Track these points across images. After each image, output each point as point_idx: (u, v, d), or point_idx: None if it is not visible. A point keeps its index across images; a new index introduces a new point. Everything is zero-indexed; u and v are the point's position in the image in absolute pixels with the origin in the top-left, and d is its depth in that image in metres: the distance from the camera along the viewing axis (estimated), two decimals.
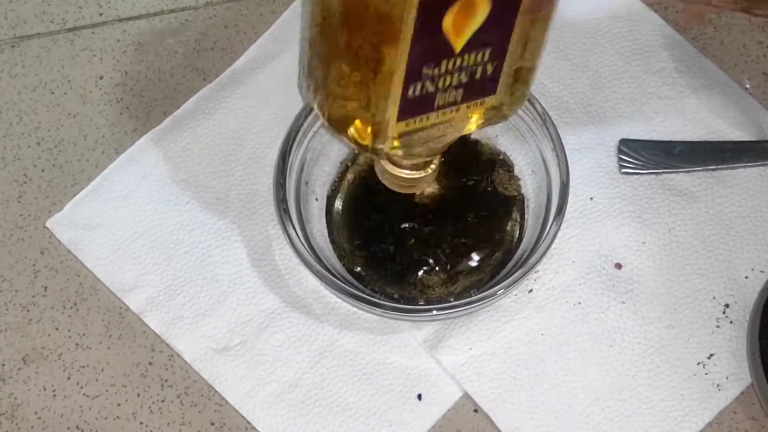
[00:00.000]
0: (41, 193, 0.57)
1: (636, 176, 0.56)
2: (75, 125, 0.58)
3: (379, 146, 0.42)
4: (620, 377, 0.52)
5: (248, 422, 0.52)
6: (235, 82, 0.58)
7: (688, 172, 0.56)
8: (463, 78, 0.41)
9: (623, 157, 0.56)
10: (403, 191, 0.49)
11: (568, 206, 0.51)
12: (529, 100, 0.52)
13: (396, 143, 0.42)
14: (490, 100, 0.43)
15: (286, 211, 0.51)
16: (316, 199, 0.55)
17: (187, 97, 0.58)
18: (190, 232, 0.55)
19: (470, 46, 0.39)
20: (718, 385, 0.52)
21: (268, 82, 0.58)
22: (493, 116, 0.44)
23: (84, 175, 0.57)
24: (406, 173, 0.47)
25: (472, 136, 0.56)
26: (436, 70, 0.39)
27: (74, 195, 0.56)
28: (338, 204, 0.55)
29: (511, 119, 0.53)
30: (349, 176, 0.56)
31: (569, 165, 0.51)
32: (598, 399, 0.52)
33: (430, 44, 0.38)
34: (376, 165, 0.48)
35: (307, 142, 0.53)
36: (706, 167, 0.56)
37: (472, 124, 0.44)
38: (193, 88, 0.59)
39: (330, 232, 0.55)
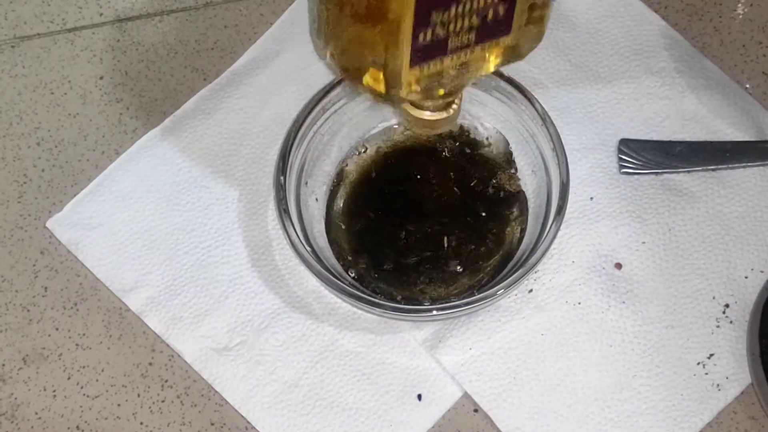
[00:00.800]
0: (41, 194, 0.57)
1: (636, 176, 0.56)
2: (75, 125, 0.58)
3: (394, 93, 0.42)
4: (620, 377, 0.52)
5: (248, 422, 0.52)
6: (235, 82, 0.58)
7: (688, 172, 0.56)
8: (475, 21, 0.40)
9: (623, 157, 0.56)
10: (425, 132, 0.48)
11: (568, 206, 0.51)
12: (529, 100, 0.52)
13: (412, 88, 0.42)
14: (506, 40, 0.42)
15: (286, 211, 0.51)
16: (316, 199, 0.55)
17: (187, 97, 0.58)
18: (190, 232, 0.55)
19: None
20: (717, 385, 0.52)
21: (268, 82, 0.58)
22: (511, 56, 0.43)
23: (84, 176, 0.57)
24: (428, 114, 0.46)
25: (472, 137, 0.56)
26: (445, 15, 0.39)
27: (74, 195, 0.56)
28: (338, 204, 0.55)
29: (511, 119, 0.54)
30: (349, 177, 0.56)
31: (569, 165, 0.51)
32: (598, 399, 0.52)
33: None
34: (401, 108, 0.47)
35: (307, 142, 0.53)
36: (706, 167, 0.56)
37: (489, 64, 0.43)
38: (193, 88, 0.59)
39: (329, 233, 0.55)
